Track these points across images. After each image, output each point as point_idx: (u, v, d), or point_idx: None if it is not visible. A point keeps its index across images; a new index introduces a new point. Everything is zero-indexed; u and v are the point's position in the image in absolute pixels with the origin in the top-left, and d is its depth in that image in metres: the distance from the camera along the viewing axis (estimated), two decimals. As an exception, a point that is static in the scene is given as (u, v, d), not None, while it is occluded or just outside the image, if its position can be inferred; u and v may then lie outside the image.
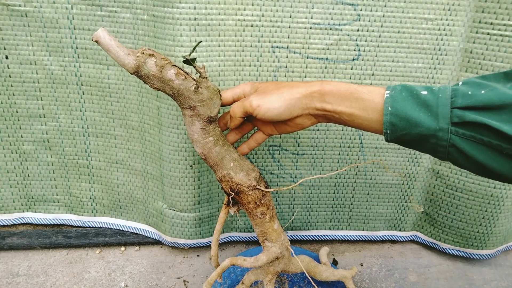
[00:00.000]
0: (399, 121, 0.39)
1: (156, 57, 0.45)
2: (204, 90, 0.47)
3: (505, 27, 0.58)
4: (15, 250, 0.73)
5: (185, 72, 0.46)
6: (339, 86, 0.44)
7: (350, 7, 0.59)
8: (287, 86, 0.47)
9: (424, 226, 0.77)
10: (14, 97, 0.66)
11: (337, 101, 0.44)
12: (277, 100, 0.45)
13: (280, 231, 0.54)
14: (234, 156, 0.51)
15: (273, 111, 0.46)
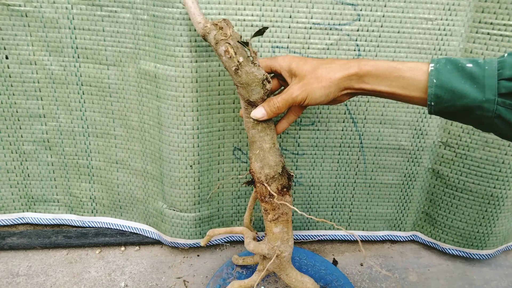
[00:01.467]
0: (444, 93, 0.40)
1: (218, 31, 0.47)
2: (243, 74, 0.47)
3: (505, 27, 0.58)
4: (15, 250, 0.73)
5: (234, 52, 0.47)
6: (378, 66, 0.44)
7: (350, 7, 0.59)
8: (324, 69, 0.46)
9: (424, 226, 0.77)
10: (14, 97, 0.66)
11: (376, 81, 0.44)
12: (318, 90, 0.45)
13: (279, 238, 0.53)
14: (264, 146, 0.51)
15: (315, 100, 0.46)
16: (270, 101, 0.48)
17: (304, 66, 0.47)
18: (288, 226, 0.54)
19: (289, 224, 0.54)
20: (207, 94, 0.62)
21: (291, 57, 0.50)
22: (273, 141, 0.51)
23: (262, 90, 0.48)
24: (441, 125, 0.68)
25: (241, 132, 0.67)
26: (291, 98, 0.47)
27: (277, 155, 0.51)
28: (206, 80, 0.61)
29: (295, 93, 0.47)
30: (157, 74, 0.61)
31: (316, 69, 0.46)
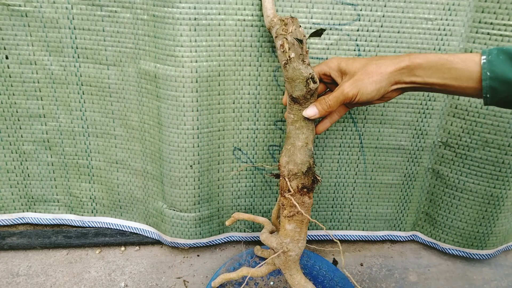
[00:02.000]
0: (499, 85, 0.40)
1: (282, 26, 0.48)
2: (290, 69, 0.48)
3: (505, 27, 0.58)
4: (15, 250, 0.73)
5: (288, 47, 0.48)
6: (429, 58, 0.44)
7: (350, 7, 0.59)
8: (374, 64, 0.46)
9: (424, 226, 0.77)
10: (14, 97, 0.66)
11: (428, 74, 0.44)
12: (369, 85, 0.45)
13: (290, 236, 0.53)
14: (296, 143, 0.51)
15: (366, 96, 0.46)
16: (322, 99, 0.49)
17: (354, 63, 0.48)
18: (301, 227, 0.53)
19: (303, 225, 0.53)
20: (207, 94, 0.62)
21: (339, 57, 0.50)
22: (307, 140, 0.51)
23: (304, 88, 0.48)
24: (441, 125, 0.68)
25: (241, 132, 0.67)
26: (342, 95, 0.47)
27: (306, 155, 0.51)
28: (206, 80, 0.61)
29: (346, 89, 0.46)
30: (157, 74, 0.61)
31: (366, 65, 0.46)
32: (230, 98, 0.64)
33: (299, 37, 0.48)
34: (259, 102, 0.65)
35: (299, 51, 0.48)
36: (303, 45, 0.49)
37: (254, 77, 0.63)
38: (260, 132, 0.67)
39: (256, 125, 0.66)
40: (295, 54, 0.48)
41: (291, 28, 0.48)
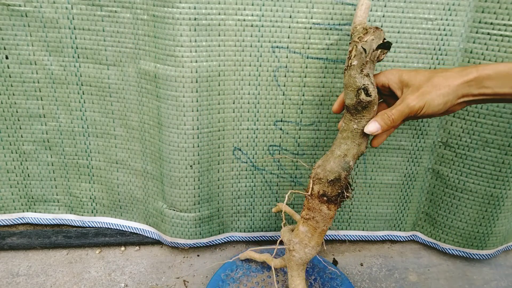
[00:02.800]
0: None
1: (360, 34, 0.46)
2: (347, 76, 0.47)
3: (505, 27, 0.58)
4: (15, 250, 0.73)
5: (354, 55, 0.46)
6: (498, 69, 0.42)
7: (350, 7, 0.59)
8: (440, 77, 0.44)
9: (424, 226, 0.77)
10: (14, 97, 0.66)
11: (498, 84, 0.42)
12: (437, 98, 0.44)
13: (300, 237, 0.53)
14: (335, 151, 0.50)
15: (432, 109, 0.44)
16: (384, 114, 0.46)
17: (417, 76, 0.46)
18: (314, 233, 0.52)
19: (316, 233, 0.52)
20: (207, 94, 0.62)
21: (399, 69, 0.48)
22: (347, 152, 0.49)
23: (354, 98, 0.46)
24: (441, 125, 0.68)
25: (241, 132, 0.67)
26: (407, 108, 0.45)
27: (339, 166, 0.49)
28: (206, 80, 0.61)
29: (412, 103, 0.44)
30: (157, 74, 0.61)
31: (431, 78, 0.45)
32: (230, 98, 0.64)
33: (365, 47, 0.46)
34: (259, 102, 0.65)
35: (362, 60, 0.46)
36: (366, 54, 0.46)
37: (254, 77, 0.63)
38: (260, 132, 0.67)
39: (256, 125, 0.66)
40: (357, 63, 0.46)
41: (368, 37, 0.45)
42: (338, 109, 0.53)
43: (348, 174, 0.50)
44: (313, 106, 0.66)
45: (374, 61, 0.46)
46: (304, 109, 0.66)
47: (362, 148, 0.50)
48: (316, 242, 0.53)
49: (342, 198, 0.50)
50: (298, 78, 0.63)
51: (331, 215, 0.51)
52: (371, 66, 0.47)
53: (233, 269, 0.67)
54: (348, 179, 0.50)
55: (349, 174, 0.50)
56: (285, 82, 0.64)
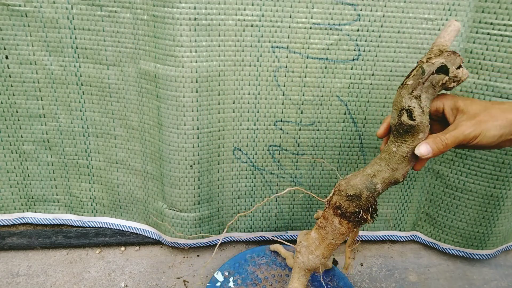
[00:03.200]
0: None
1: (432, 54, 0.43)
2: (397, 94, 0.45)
3: (505, 27, 0.58)
4: (15, 250, 0.73)
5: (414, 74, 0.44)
6: None
7: (350, 7, 0.59)
8: (498, 108, 0.43)
9: (424, 226, 0.77)
10: (14, 97, 0.66)
11: None
12: (493, 129, 0.42)
13: (308, 241, 0.52)
14: (367, 169, 0.47)
15: (487, 140, 0.43)
16: (436, 137, 0.44)
17: (473, 104, 0.44)
18: (321, 243, 0.51)
19: (323, 243, 0.50)
20: (207, 94, 0.62)
21: (454, 95, 0.47)
22: (377, 173, 0.46)
23: (396, 118, 0.44)
24: (441, 125, 0.68)
25: (241, 132, 0.67)
26: (462, 135, 0.43)
27: (364, 185, 0.46)
28: (206, 80, 0.61)
29: (468, 130, 0.43)
30: (157, 74, 0.61)
31: (488, 108, 0.43)
32: (230, 98, 0.64)
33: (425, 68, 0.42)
34: (259, 102, 0.65)
35: (417, 81, 0.43)
36: (423, 76, 0.42)
37: (254, 77, 0.63)
38: (260, 132, 0.67)
39: (256, 125, 0.66)
40: (412, 83, 0.43)
41: (437, 60, 0.42)
42: (382, 133, 0.49)
43: (372, 196, 0.46)
44: (313, 106, 0.66)
45: (436, 86, 0.43)
46: (304, 109, 0.66)
47: (396, 175, 0.46)
48: (322, 253, 0.51)
49: (358, 219, 0.47)
50: (298, 78, 0.63)
51: (342, 231, 0.49)
52: (429, 91, 0.43)
53: (260, 255, 0.69)
54: (372, 202, 0.47)
55: (373, 197, 0.46)
56: (285, 82, 0.64)
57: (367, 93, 0.65)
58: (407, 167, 0.46)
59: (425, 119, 0.43)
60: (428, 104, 0.43)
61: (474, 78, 0.62)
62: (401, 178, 0.46)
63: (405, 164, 0.45)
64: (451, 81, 0.42)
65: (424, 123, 0.43)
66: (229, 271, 0.67)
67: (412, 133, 0.43)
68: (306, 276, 0.54)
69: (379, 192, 0.46)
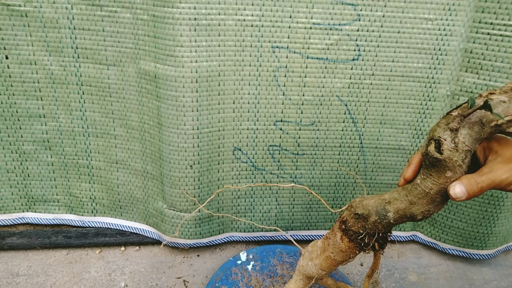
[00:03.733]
0: None
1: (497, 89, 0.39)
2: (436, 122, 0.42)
3: (505, 27, 0.58)
4: (15, 250, 0.73)
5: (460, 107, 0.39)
6: None
7: (350, 7, 0.59)
8: None
9: (424, 226, 0.77)
10: (14, 97, 0.66)
11: None
12: None
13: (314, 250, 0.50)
14: (385, 196, 0.43)
15: None
16: (471, 179, 0.39)
17: (509, 146, 0.40)
18: (322, 253, 0.49)
19: (323, 254, 0.48)
20: (207, 94, 0.62)
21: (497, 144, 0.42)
22: (392, 201, 0.42)
23: (425, 147, 0.40)
24: (441, 125, 0.68)
25: (241, 132, 0.67)
26: (499, 179, 0.39)
27: (375, 208, 0.43)
28: (206, 80, 0.61)
29: (505, 175, 0.38)
30: (157, 74, 0.61)
31: None
32: (230, 98, 0.64)
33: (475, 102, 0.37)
34: (259, 102, 0.65)
35: (459, 116, 0.38)
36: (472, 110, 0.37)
37: (254, 77, 0.63)
38: (260, 132, 0.67)
39: (256, 125, 0.66)
40: (456, 114, 0.38)
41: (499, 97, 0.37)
42: (410, 176, 0.44)
43: (380, 223, 0.42)
44: (313, 106, 0.66)
45: (486, 126, 0.38)
46: (304, 109, 0.66)
47: (413, 210, 0.41)
48: (320, 264, 0.49)
49: (360, 241, 0.44)
50: (298, 78, 0.63)
51: (341, 248, 0.46)
52: (474, 129, 0.38)
53: (289, 254, 0.70)
54: (379, 229, 0.43)
55: (381, 224, 0.42)
56: (285, 82, 0.64)
57: (367, 93, 0.65)
58: (429, 205, 0.41)
59: (457, 156, 0.38)
60: (468, 143, 0.38)
61: (474, 78, 0.62)
62: (420, 215, 0.41)
63: (426, 200, 0.40)
64: (509, 124, 0.37)
65: (454, 161, 0.38)
66: (254, 255, 0.69)
67: (438, 168, 0.39)
68: (303, 282, 0.53)
69: (390, 221, 0.42)
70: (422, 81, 0.64)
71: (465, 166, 0.39)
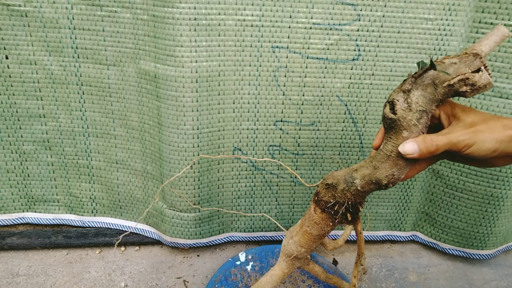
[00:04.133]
0: None
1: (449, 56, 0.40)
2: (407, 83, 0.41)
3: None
4: (15, 250, 0.73)
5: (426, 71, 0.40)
6: None
7: (350, 7, 0.59)
8: (497, 122, 0.40)
9: (424, 226, 0.77)
10: (14, 97, 0.66)
11: None
12: (489, 141, 0.39)
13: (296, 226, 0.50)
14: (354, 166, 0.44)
15: (479, 152, 0.39)
16: (427, 137, 0.40)
17: (472, 113, 0.41)
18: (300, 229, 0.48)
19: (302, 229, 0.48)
20: (207, 94, 0.62)
21: (453, 102, 0.43)
22: (358, 168, 0.43)
23: (383, 108, 0.41)
24: (441, 125, 0.68)
25: (241, 132, 0.67)
26: (455, 140, 0.39)
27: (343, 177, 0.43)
28: (206, 80, 0.61)
29: (462, 137, 0.39)
30: (157, 74, 0.61)
31: (487, 120, 0.40)
32: (230, 98, 0.64)
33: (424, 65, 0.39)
34: (259, 102, 0.65)
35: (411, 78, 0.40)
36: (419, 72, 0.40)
37: (254, 77, 0.63)
38: (260, 132, 0.67)
39: (256, 125, 0.66)
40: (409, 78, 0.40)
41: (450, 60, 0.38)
42: (378, 144, 0.45)
43: (348, 190, 0.43)
44: (313, 106, 0.66)
45: (439, 86, 0.39)
46: (304, 109, 0.66)
47: (378, 175, 0.41)
48: (299, 240, 0.49)
49: (330, 210, 0.44)
50: (298, 78, 0.63)
51: (315, 220, 0.46)
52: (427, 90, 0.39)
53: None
54: (348, 197, 0.43)
55: (350, 192, 0.43)
56: (285, 82, 0.64)
57: (367, 93, 0.65)
58: (392, 169, 0.41)
59: (410, 116, 0.39)
60: (422, 103, 0.39)
61: (474, 78, 0.62)
62: (384, 180, 0.41)
63: (389, 164, 0.41)
64: (461, 84, 0.38)
65: (408, 120, 0.39)
66: (253, 255, 0.69)
67: (395, 130, 0.40)
68: (287, 263, 0.52)
69: (357, 188, 0.42)
70: (422, 81, 0.64)
71: (421, 126, 0.39)
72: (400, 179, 0.42)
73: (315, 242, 0.49)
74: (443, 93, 0.39)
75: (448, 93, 0.39)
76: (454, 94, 0.39)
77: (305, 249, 0.50)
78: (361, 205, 0.44)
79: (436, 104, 0.40)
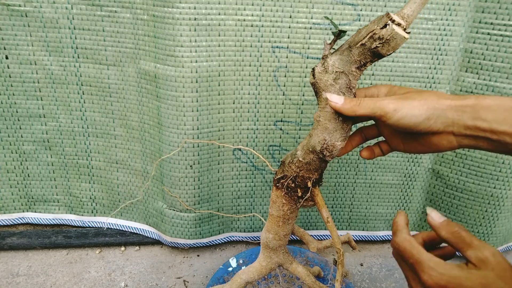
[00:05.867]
0: None
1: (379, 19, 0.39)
2: None
3: (505, 27, 0.58)
4: (15, 250, 0.73)
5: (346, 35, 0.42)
6: (502, 101, 0.36)
7: (350, 7, 0.59)
8: (433, 94, 0.39)
9: (424, 226, 0.77)
10: (14, 97, 0.66)
11: (498, 119, 0.35)
12: (418, 106, 0.37)
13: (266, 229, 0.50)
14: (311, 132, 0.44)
15: (410, 118, 0.37)
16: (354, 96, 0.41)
17: (410, 90, 0.41)
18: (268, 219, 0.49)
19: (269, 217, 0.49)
20: (207, 94, 0.62)
21: (392, 85, 0.44)
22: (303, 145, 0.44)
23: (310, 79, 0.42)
24: (441, 125, 0.68)
25: (241, 132, 0.67)
26: (379, 103, 0.39)
27: (290, 153, 0.46)
28: (206, 80, 0.61)
29: (386, 101, 0.38)
30: (157, 74, 0.61)
31: (422, 92, 0.39)
32: (230, 98, 0.64)
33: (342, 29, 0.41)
34: (259, 102, 0.65)
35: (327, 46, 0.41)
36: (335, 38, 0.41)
37: (254, 77, 0.63)
38: (260, 132, 0.67)
39: (256, 125, 0.66)
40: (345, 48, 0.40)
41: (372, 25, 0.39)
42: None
43: (292, 162, 0.45)
44: (313, 106, 0.66)
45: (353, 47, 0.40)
46: (304, 109, 0.66)
47: (312, 142, 0.43)
48: (267, 226, 0.50)
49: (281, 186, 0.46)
50: (298, 78, 0.63)
51: (272, 198, 0.47)
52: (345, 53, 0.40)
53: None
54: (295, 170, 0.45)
55: (295, 164, 0.44)
56: (285, 82, 0.64)
57: (367, 93, 0.65)
58: (323, 134, 0.42)
59: (326, 76, 0.41)
60: (339, 65, 0.40)
61: (474, 78, 0.62)
62: (318, 146, 0.42)
63: (320, 130, 0.42)
64: (371, 40, 0.38)
65: (325, 81, 0.41)
66: (244, 260, 0.68)
67: (318, 94, 0.42)
68: (264, 255, 0.52)
69: (299, 159, 0.44)
70: (422, 81, 0.64)
71: (338, 86, 0.41)
72: (335, 147, 0.43)
73: (279, 226, 0.49)
74: (358, 53, 0.40)
75: (363, 53, 0.40)
76: (371, 54, 0.40)
77: (272, 235, 0.50)
78: (310, 180, 0.45)
79: (356, 66, 0.41)
